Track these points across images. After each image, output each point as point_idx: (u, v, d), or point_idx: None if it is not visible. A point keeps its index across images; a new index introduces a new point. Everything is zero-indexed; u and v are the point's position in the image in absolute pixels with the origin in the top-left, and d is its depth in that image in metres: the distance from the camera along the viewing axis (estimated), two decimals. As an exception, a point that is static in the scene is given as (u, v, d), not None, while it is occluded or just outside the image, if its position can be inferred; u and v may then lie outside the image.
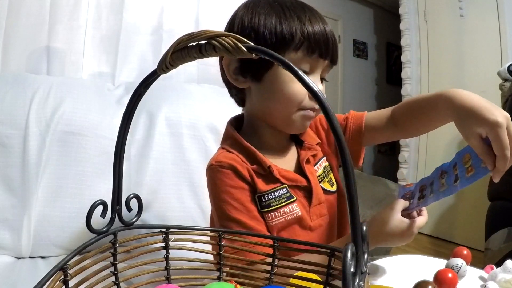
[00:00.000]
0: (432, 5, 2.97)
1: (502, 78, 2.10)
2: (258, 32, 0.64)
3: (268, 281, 0.54)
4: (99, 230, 0.48)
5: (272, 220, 0.66)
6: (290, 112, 0.67)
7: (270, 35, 0.63)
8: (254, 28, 0.64)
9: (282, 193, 0.67)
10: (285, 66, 0.33)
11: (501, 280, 0.50)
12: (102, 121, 1.07)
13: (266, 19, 0.64)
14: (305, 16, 0.64)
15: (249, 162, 0.67)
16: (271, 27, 0.63)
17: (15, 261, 0.96)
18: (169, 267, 0.54)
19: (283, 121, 0.69)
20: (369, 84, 4.14)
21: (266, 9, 0.65)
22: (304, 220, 0.68)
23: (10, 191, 0.96)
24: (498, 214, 1.72)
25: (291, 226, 0.68)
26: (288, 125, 0.70)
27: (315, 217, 0.70)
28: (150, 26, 1.36)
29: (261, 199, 0.66)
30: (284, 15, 0.64)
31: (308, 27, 0.63)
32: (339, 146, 0.31)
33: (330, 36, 0.65)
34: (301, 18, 0.63)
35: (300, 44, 0.63)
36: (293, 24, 0.63)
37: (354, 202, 0.30)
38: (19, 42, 1.17)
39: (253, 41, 0.36)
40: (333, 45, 0.66)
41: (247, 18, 0.66)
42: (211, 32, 0.36)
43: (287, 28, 0.63)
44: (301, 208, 0.68)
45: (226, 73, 0.69)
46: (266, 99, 0.69)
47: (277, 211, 0.66)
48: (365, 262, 0.30)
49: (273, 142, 0.73)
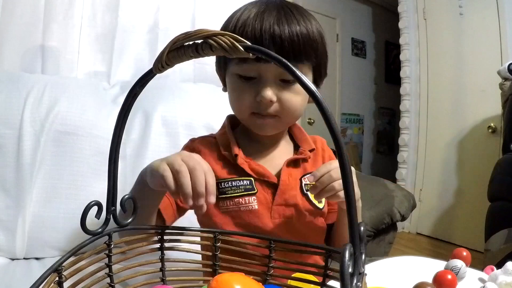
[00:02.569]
0: (431, 3, 2.97)
1: (502, 77, 2.10)
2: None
3: (265, 281, 0.54)
4: (94, 231, 0.48)
5: (226, 207, 0.68)
6: (244, 115, 0.70)
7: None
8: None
9: (241, 184, 0.69)
10: (282, 66, 0.33)
11: (502, 282, 0.49)
12: (98, 121, 1.06)
13: (222, 29, 0.68)
14: (239, 21, 0.65)
15: (224, 149, 0.72)
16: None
17: (9, 263, 0.95)
18: (164, 268, 0.54)
19: (244, 122, 0.73)
20: (367, 83, 4.14)
21: (228, 19, 0.70)
22: (261, 215, 0.68)
23: (4, 192, 0.96)
24: (498, 215, 1.72)
25: (247, 217, 0.68)
26: (249, 126, 0.72)
27: (277, 215, 0.69)
28: (146, 25, 1.36)
29: (219, 185, 0.68)
30: (228, 23, 0.68)
31: (236, 33, 0.63)
32: (335, 143, 0.30)
33: (266, 37, 0.62)
34: (235, 25, 0.65)
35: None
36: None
37: (352, 203, 0.30)
38: (13, 40, 1.16)
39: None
40: (276, 45, 0.62)
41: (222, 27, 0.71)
42: (207, 31, 0.36)
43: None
44: (261, 203, 0.68)
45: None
46: (229, 103, 0.73)
47: (232, 199, 0.68)
48: (363, 263, 0.30)
49: (259, 140, 0.75)
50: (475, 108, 2.68)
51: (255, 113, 0.68)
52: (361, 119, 4.09)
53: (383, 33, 4.15)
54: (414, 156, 3.13)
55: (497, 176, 1.80)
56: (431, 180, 3.01)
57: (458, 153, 2.84)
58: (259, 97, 0.65)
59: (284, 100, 0.66)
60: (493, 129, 2.55)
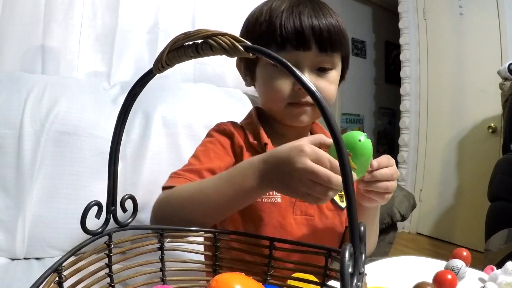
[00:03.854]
0: (431, 3, 2.97)
1: (502, 77, 2.10)
2: (247, 33, 0.72)
3: (265, 281, 0.54)
4: (94, 231, 0.48)
5: None
6: (280, 106, 0.70)
7: (250, 35, 0.70)
8: (246, 29, 0.73)
9: None
10: (281, 65, 0.33)
11: (502, 282, 0.49)
12: (98, 121, 1.06)
13: (249, 20, 0.72)
14: (277, 12, 0.67)
15: (253, 138, 0.72)
16: (250, 28, 0.71)
17: (9, 263, 0.95)
18: (164, 269, 0.54)
19: (277, 114, 0.73)
20: (367, 83, 4.14)
21: (256, 10, 0.72)
22: (284, 210, 0.68)
23: (4, 192, 0.95)
24: (498, 215, 1.72)
25: (268, 210, 0.67)
26: (283, 118, 0.73)
27: (299, 211, 0.69)
28: (146, 25, 1.36)
29: None
30: (260, 15, 0.70)
31: (276, 23, 0.66)
32: (334, 139, 0.31)
33: (306, 27, 0.65)
34: (271, 16, 0.67)
35: (269, 41, 0.67)
36: (263, 23, 0.68)
37: (352, 202, 0.30)
38: (13, 40, 1.16)
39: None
40: (315, 35, 0.66)
41: (246, 20, 0.74)
42: (207, 31, 0.36)
43: (258, 27, 0.69)
44: (283, 197, 0.68)
45: (240, 75, 0.78)
46: (261, 95, 0.75)
47: None
48: (363, 263, 0.30)
49: (284, 133, 0.75)
50: (475, 108, 2.68)
51: (292, 103, 0.68)
52: (361, 119, 4.08)
53: (383, 33, 4.15)
54: (414, 156, 3.13)
55: (497, 176, 1.80)
56: (431, 180, 3.01)
57: (458, 153, 2.84)
58: (297, 85, 0.66)
59: (321, 88, 0.68)
60: (493, 129, 2.55)
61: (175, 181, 0.65)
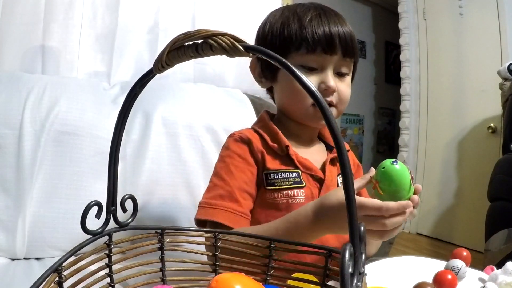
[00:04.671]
0: (431, 4, 2.97)
1: (502, 77, 2.10)
2: (266, 37, 0.75)
3: (265, 281, 0.54)
4: (94, 231, 0.48)
5: (275, 199, 0.70)
6: (304, 106, 0.73)
7: (274, 38, 0.74)
8: (263, 35, 0.77)
9: (290, 176, 0.70)
10: (281, 65, 0.34)
11: (502, 282, 0.49)
12: (98, 121, 1.06)
13: (272, 26, 0.75)
14: (306, 19, 0.72)
15: (271, 141, 0.74)
16: (275, 32, 0.74)
17: (9, 263, 0.95)
18: (164, 269, 0.54)
19: (300, 114, 0.76)
20: (367, 83, 4.14)
21: (276, 17, 0.76)
22: None
23: (4, 192, 0.95)
24: (498, 215, 1.72)
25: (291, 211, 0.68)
26: (305, 119, 0.76)
27: None
28: (146, 25, 1.36)
29: (267, 177, 0.71)
30: (287, 20, 0.73)
31: (308, 28, 0.70)
32: (335, 141, 0.31)
33: (334, 34, 0.71)
34: (301, 21, 0.72)
35: (299, 44, 0.71)
36: (292, 27, 0.72)
37: (352, 202, 0.30)
38: (13, 40, 1.16)
39: (263, 46, 0.37)
40: (341, 41, 0.72)
41: (261, 27, 0.78)
42: (207, 31, 0.36)
43: (287, 31, 0.72)
44: (308, 196, 0.70)
45: (253, 76, 0.81)
46: (283, 96, 0.78)
47: (280, 191, 0.70)
48: (363, 263, 0.31)
49: (299, 135, 0.78)
50: (475, 108, 2.68)
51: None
52: (361, 119, 4.08)
53: (383, 33, 4.15)
54: (414, 156, 3.13)
55: (497, 176, 1.80)
56: (431, 180, 3.01)
57: (458, 153, 2.84)
58: (324, 85, 0.71)
59: (341, 91, 0.74)
60: (493, 129, 2.55)
61: (214, 215, 0.67)
